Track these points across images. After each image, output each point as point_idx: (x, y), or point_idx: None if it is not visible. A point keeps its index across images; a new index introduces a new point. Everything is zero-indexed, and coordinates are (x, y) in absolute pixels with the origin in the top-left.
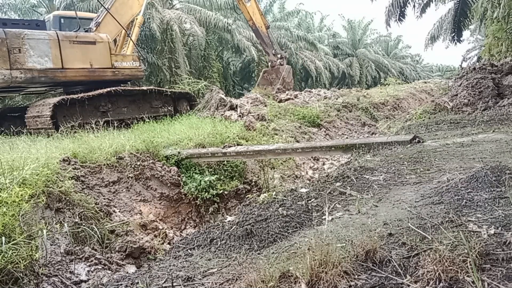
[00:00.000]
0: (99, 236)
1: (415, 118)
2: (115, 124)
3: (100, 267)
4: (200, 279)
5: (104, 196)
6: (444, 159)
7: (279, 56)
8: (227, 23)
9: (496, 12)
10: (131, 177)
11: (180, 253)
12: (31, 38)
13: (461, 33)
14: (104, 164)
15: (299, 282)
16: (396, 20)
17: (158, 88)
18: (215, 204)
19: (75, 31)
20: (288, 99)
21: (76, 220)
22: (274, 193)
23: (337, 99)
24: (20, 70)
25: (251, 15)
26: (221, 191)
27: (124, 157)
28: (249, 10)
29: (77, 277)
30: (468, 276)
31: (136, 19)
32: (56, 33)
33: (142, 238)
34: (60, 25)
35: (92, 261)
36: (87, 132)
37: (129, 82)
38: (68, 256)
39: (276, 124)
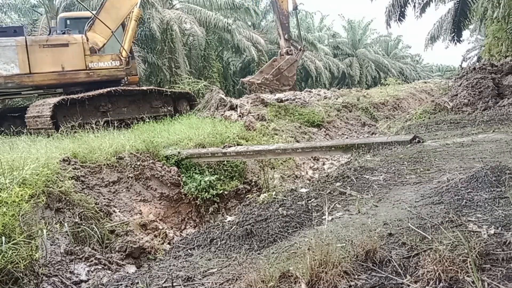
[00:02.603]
0: (99, 236)
1: (415, 118)
2: (115, 124)
3: (100, 267)
4: (200, 279)
5: (104, 196)
6: (444, 159)
7: (296, 45)
8: (227, 23)
9: (496, 12)
10: (131, 177)
11: (180, 253)
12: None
13: (461, 33)
14: (104, 164)
15: (299, 282)
16: (396, 20)
17: (158, 88)
18: (215, 204)
19: (48, 34)
20: (282, 100)
21: (76, 220)
22: (274, 193)
23: (337, 99)
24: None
25: None
26: (221, 191)
27: (124, 157)
28: None
29: (77, 277)
30: (468, 276)
31: (132, 11)
32: (25, 38)
33: (142, 238)
34: (66, 27)
35: (92, 261)
36: (87, 132)
37: (126, 81)
38: (68, 256)
39: (276, 124)
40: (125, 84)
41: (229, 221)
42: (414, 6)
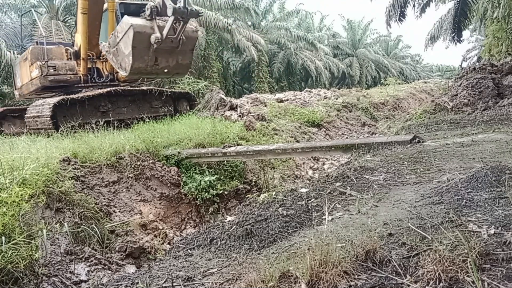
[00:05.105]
0: (99, 236)
1: (415, 118)
2: (115, 124)
3: (100, 267)
4: (200, 279)
5: (104, 196)
6: (444, 159)
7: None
8: (227, 23)
9: (496, 12)
10: (131, 177)
11: (180, 253)
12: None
13: (461, 33)
14: (104, 164)
15: (299, 282)
16: (396, 20)
17: (158, 88)
18: (215, 204)
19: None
20: (282, 100)
21: (76, 220)
22: (274, 193)
23: (337, 99)
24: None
25: None
26: (221, 191)
27: (124, 157)
28: None
29: (77, 277)
30: (468, 276)
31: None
32: (19, 58)
33: (142, 238)
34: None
35: (92, 261)
36: (87, 132)
37: (110, 79)
38: (68, 256)
39: (276, 124)
40: (111, 80)
41: (229, 221)
42: (414, 6)
